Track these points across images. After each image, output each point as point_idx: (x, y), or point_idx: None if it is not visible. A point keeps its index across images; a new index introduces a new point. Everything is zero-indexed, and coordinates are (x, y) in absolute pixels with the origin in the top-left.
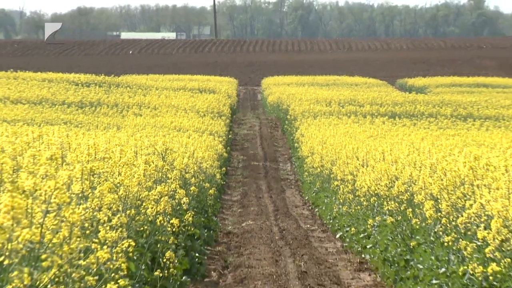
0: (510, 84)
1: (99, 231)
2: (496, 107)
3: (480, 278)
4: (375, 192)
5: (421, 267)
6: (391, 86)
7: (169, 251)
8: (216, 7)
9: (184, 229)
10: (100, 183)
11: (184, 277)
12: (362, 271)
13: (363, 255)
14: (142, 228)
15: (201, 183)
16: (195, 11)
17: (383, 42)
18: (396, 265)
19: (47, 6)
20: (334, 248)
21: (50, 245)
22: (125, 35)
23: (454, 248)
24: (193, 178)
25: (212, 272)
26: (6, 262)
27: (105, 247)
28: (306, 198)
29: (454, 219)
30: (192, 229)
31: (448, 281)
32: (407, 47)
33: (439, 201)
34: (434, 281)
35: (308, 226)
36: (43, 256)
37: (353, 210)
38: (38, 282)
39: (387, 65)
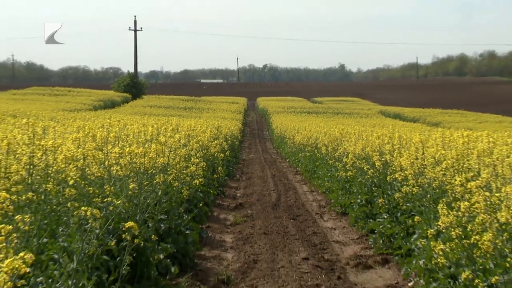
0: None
1: (191, 159)
2: (350, 109)
3: (344, 178)
4: (302, 143)
5: (320, 173)
6: (308, 101)
7: (220, 167)
8: (238, 69)
9: (225, 157)
10: (191, 139)
11: (226, 177)
12: (296, 174)
13: (297, 168)
14: (209, 157)
15: (233, 139)
16: (229, 71)
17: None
18: (310, 172)
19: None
20: (285, 165)
21: (173, 163)
22: (203, 80)
23: (333, 165)
24: (229, 137)
25: (237, 175)
26: (117, 171)
27: (193, 166)
28: (274, 145)
29: (334, 154)
30: (229, 157)
31: (331, 179)
32: (320, 86)
33: (327, 146)
34: (326, 179)
35: (275, 157)
36: (169, 170)
37: (293, 150)
38: (168, 181)
39: (308, 93)
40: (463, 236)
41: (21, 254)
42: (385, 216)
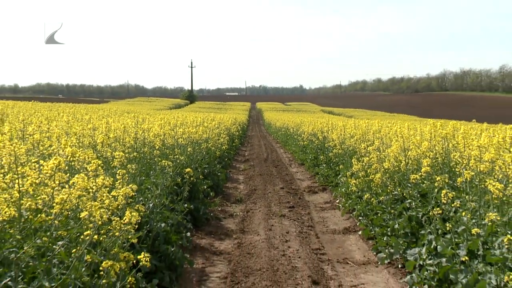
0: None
1: (221, 135)
2: (305, 109)
3: (302, 145)
4: (280, 126)
5: (290, 142)
6: (283, 104)
7: (236, 139)
8: (246, 87)
9: (239, 134)
10: (220, 124)
11: (239, 145)
12: (277, 143)
13: (277, 140)
14: (230, 134)
15: (243, 124)
16: (241, 88)
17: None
18: (284, 142)
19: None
20: (271, 138)
21: (211, 137)
22: (227, 93)
23: (296, 139)
24: (241, 123)
25: (245, 143)
26: (181, 141)
27: (222, 139)
28: (265, 128)
29: (297, 132)
30: (240, 134)
31: (295, 146)
32: (289, 96)
33: (293, 128)
34: (292, 146)
35: (265, 134)
36: (209, 141)
37: (275, 130)
38: (208, 147)
39: (283, 100)
40: (365, 176)
41: (130, 185)
42: (324, 165)
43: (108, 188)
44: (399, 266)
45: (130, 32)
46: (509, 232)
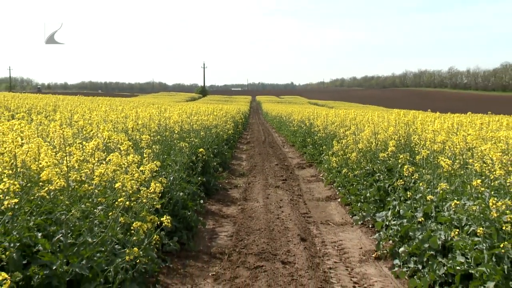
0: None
1: (228, 122)
2: (296, 101)
3: (292, 130)
4: (275, 115)
5: (283, 128)
6: (278, 97)
7: (240, 125)
8: (248, 84)
9: (242, 121)
10: (227, 113)
11: (242, 130)
12: (273, 129)
13: (273, 126)
14: (235, 121)
15: (245, 113)
16: (244, 84)
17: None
18: (278, 127)
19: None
20: (268, 125)
21: (219, 124)
22: (233, 89)
23: (288, 125)
24: (244, 113)
25: (247, 129)
26: (196, 127)
27: (228, 125)
28: (263, 117)
29: (289, 119)
30: (243, 121)
31: (287, 131)
32: (282, 91)
33: (286, 116)
34: (285, 131)
35: (263, 121)
36: (218, 126)
37: (271, 118)
38: (217, 131)
39: (277, 94)
40: (343, 154)
41: (155, 162)
42: (310, 146)
43: (137, 164)
44: (370, 226)
45: (155, 39)
46: (456, 198)
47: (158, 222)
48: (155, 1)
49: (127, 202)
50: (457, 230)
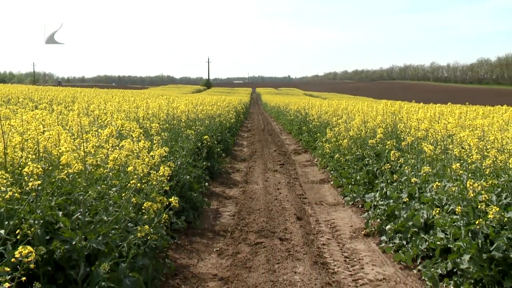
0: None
1: (230, 111)
2: (292, 93)
3: (290, 119)
4: (273, 106)
5: (281, 117)
6: (276, 89)
7: (241, 115)
8: (248, 76)
9: (244, 111)
10: (230, 104)
11: (244, 119)
12: (271, 118)
13: (271, 115)
14: (237, 111)
15: (246, 104)
16: (245, 77)
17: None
18: (276, 117)
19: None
20: (267, 115)
21: (222, 113)
22: (235, 81)
23: (286, 114)
24: (245, 103)
25: (248, 118)
26: (201, 116)
27: (231, 114)
28: (262, 107)
29: (286, 109)
30: (244, 111)
31: (285, 120)
32: (280, 83)
33: (283, 107)
34: (283, 119)
35: (263, 111)
36: (221, 116)
37: (270, 108)
38: (221, 120)
39: (276, 86)
40: (335, 141)
41: (164, 148)
42: (306, 134)
43: (147, 150)
44: (360, 206)
45: (165, 36)
46: (437, 180)
47: (167, 203)
48: (163, 3)
49: (139, 184)
50: (438, 209)
